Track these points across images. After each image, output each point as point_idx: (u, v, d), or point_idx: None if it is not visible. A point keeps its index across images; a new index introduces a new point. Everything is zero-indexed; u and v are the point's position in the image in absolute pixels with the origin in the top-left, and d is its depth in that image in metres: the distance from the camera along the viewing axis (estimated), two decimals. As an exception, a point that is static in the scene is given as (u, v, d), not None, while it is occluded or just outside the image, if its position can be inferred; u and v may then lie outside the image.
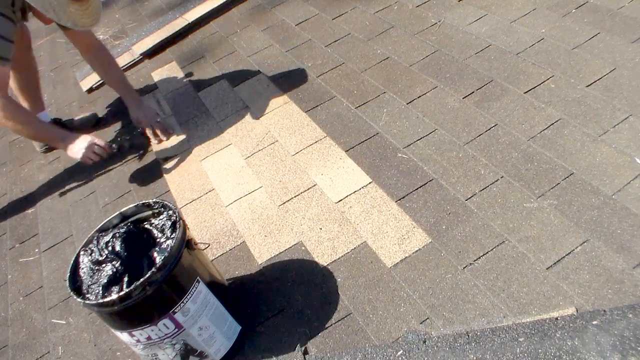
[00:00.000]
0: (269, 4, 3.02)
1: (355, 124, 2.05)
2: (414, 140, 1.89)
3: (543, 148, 1.70)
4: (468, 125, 1.87)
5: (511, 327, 1.29)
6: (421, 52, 2.27)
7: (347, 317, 1.46)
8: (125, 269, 1.28)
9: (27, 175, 2.51)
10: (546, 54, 2.04)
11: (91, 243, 1.37)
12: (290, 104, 2.26)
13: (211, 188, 2.02)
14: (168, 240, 1.34)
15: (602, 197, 1.51)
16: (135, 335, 1.29)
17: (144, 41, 3.05)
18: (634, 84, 1.80)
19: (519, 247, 1.47)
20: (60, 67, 3.30)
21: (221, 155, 2.15)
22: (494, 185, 1.65)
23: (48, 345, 1.72)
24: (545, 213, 1.53)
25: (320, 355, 1.40)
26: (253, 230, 1.80)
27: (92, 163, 2.11)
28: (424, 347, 1.32)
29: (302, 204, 1.82)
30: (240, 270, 1.69)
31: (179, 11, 3.22)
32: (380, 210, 1.70)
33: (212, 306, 1.38)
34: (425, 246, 1.56)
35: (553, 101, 1.85)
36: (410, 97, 2.07)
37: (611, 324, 1.21)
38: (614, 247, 1.39)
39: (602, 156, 1.61)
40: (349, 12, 2.71)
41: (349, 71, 2.32)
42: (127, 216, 1.46)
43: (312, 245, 1.67)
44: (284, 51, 2.59)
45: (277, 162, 2.01)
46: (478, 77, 2.05)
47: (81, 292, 1.29)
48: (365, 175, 1.83)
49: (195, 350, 1.37)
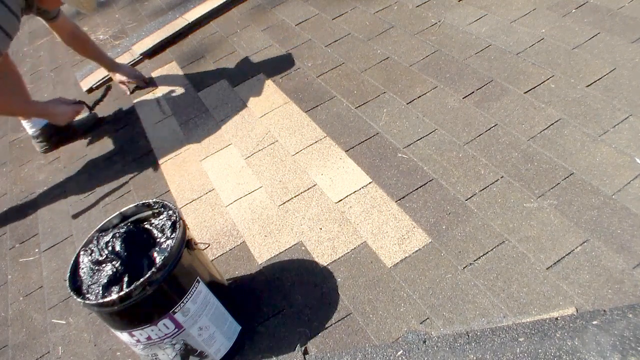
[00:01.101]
0: (269, 4, 3.03)
1: (355, 124, 2.05)
2: (414, 140, 1.89)
3: (543, 148, 1.70)
4: (468, 125, 1.87)
5: (511, 327, 1.29)
6: (421, 52, 2.27)
7: (347, 317, 1.46)
8: (125, 269, 1.28)
9: (27, 175, 2.51)
10: (546, 54, 2.04)
11: (91, 243, 1.37)
12: (290, 104, 2.26)
13: (211, 188, 2.02)
14: (168, 240, 1.34)
15: (602, 197, 1.51)
16: (135, 335, 1.29)
17: (144, 41, 3.05)
18: (634, 84, 1.80)
19: (519, 247, 1.47)
20: (60, 67, 3.30)
21: (221, 155, 2.15)
22: (494, 185, 1.65)
23: (48, 345, 1.72)
24: (545, 213, 1.53)
25: (320, 355, 1.40)
26: (253, 230, 1.80)
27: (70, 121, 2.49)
28: (424, 347, 1.32)
29: (302, 204, 1.82)
30: (240, 270, 1.69)
31: (179, 11, 3.22)
32: (380, 210, 1.70)
33: (212, 306, 1.38)
34: (425, 246, 1.56)
35: (553, 101, 1.85)
36: (410, 97, 2.07)
37: (611, 324, 1.21)
38: (614, 247, 1.39)
39: (602, 156, 1.61)
40: (349, 12, 2.71)
41: (349, 71, 2.32)
42: (127, 216, 1.46)
43: (312, 245, 1.67)
44: (284, 51, 2.59)
45: (277, 162, 2.01)
46: (478, 77, 2.05)
47: (81, 292, 1.29)
48: (365, 175, 1.83)
49: (195, 350, 1.37)
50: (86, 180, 2.32)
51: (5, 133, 2.90)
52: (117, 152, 2.40)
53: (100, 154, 2.44)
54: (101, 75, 2.93)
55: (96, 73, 2.98)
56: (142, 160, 2.30)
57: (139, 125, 2.51)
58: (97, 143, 2.52)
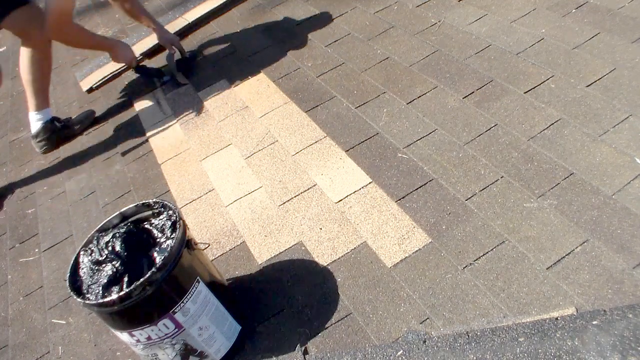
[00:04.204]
0: (269, 4, 3.03)
1: (355, 124, 2.05)
2: (414, 140, 1.89)
3: (543, 148, 1.70)
4: (468, 125, 1.87)
5: (511, 327, 1.29)
6: (421, 52, 2.27)
7: (347, 317, 1.46)
8: (125, 269, 1.28)
9: (27, 175, 2.51)
10: (546, 54, 2.04)
11: (91, 243, 1.37)
12: (290, 104, 2.26)
13: (211, 188, 2.02)
14: (168, 240, 1.34)
15: (602, 197, 1.51)
16: (135, 335, 1.29)
17: (144, 41, 3.05)
18: (634, 84, 1.80)
19: (519, 247, 1.47)
20: (60, 67, 3.30)
21: (221, 155, 2.15)
22: (494, 185, 1.65)
23: (48, 345, 1.72)
24: (545, 213, 1.53)
25: (320, 355, 1.40)
26: (253, 230, 1.80)
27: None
28: (424, 347, 1.32)
29: (302, 204, 1.82)
30: (240, 270, 1.69)
31: (179, 11, 3.22)
32: (380, 210, 1.70)
33: (212, 306, 1.38)
34: (425, 246, 1.56)
35: (553, 101, 1.85)
36: (410, 97, 2.07)
37: (611, 324, 1.21)
38: (614, 247, 1.39)
39: (602, 156, 1.61)
40: (349, 12, 2.71)
41: (349, 71, 2.32)
42: (127, 216, 1.46)
43: (312, 245, 1.67)
44: (284, 51, 2.59)
45: (277, 162, 2.01)
46: (478, 77, 2.05)
47: (81, 292, 1.29)
48: (365, 175, 1.83)
49: (195, 350, 1.37)
50: (86, 180, 2.32)
51: (5, 133, 2.90)
52: (117, 152, 2.41)
53: (101, 154, 2.44)
54: (101, 75, 2.93)
55: (96, 73, 2.99)
56: (142, 160, 2.30)
57: (139, 125, 2.51)
58: (97, 143, 2.52)
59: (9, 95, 3.29)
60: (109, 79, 2.92)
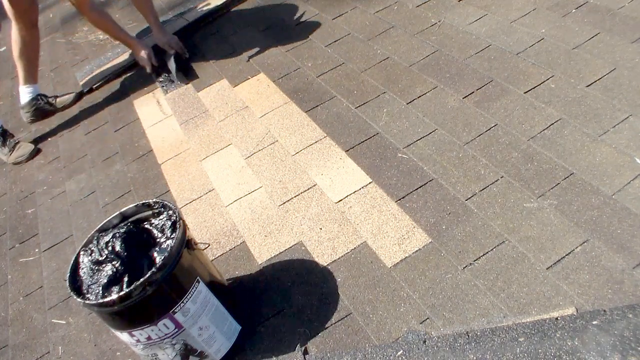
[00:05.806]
0: (268, 4, 3.02)
1: (355, 124, 2.05)
2: (414, 140, 1.89)
3: (543, 148, 1.70)
4: (468, 125, 1.87)
5: (511, 327, 1.29)
6: (421, 52, 2.27)
7: (347, 317, 1.46)
8: (125, 269, 1.28)
9: (27, 175, 2.51)
10: (546, 54, 2.04)
11: (91, 243, 1.37)
12: (290, 104, 2.26)
13: (211, 188, 2.02)
14: (168, 240, 1.34)
15: (602, 197, 1.51)
16: (135, 335, 1.29)
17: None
18: (634, 84, 1.80)
19: (519, 247, 1.47)
20: (60, 67, 3.30)
21: (221, 155, 2.15)
22: (494, 185, 1.65)
23: (48, 345, 1.72)
24: (545, 213, 1.53)
25: (320, 355, 1.40)
26: (253, 230, 1.80)
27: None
28: (424, 347, 1.32)
29: (302, 204, 1.82)
30: (240, 270, 1.69)
31: (179, 11, 3.22)
32: (380, 210, 1.70)
33: (212, 306, 1.38)
34: (425, 246, 1.56)
35: (553, 101, 1.85)
36: (410, 97, 2.07)
37: (611, 324, 1.21)
38: (614, 247, 1.39)
39: (602, 156, 1.61)
40: (349, 12, 2.71)
41: (349, 71, 2.32)
42: (127, 216, 1.46)
43: (312, 245, 1.67)
44: (284, 51, 2.59)
45: (277, 162, 2.01)
46: (478, 77, 2.05)
47: (81, 292, 1.29)
48: (365, 175, 1.83)
49: (195, 350, 1.37)
50: (86, 180, 2.32)
51: (5, 133, 2.90)
52: (117, 152, 2.41)
53: (100, 154, 2.44)
54: (101, 76, 2.93)
55: (96, 73, 2.98)
56: (142, 160, 2.30)
57: (139, 125, 2.51)
58: (97, 143, 2.52)
59: (9, 95, 3.29)
60: (109, 79, 2.92)
